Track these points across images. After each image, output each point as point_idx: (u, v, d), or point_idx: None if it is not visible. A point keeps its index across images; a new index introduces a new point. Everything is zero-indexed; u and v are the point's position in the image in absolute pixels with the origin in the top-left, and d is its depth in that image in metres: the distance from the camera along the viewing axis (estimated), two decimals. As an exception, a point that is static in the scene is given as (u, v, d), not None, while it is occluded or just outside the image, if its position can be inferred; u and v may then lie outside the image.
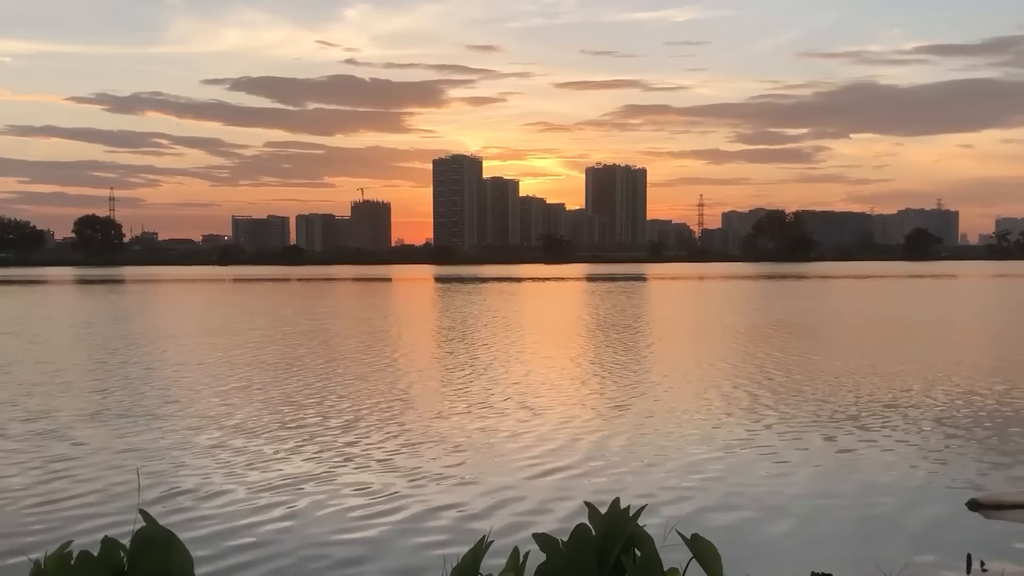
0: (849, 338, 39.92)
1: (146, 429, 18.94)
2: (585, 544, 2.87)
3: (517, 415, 20.41)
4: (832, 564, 10.35)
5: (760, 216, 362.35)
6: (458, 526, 12.22)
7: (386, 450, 16.81)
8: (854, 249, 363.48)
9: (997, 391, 23.37)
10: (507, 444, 17.37)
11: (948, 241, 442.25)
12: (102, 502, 13.44)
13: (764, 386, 24.62)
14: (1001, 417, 19.79)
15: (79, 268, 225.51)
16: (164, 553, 2.65)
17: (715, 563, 2.85)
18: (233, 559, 10.97)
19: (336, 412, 20.85)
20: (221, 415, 20.48)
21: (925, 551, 11.07)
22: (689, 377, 26.63)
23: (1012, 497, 13.15)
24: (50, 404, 22.28)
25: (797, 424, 19.15)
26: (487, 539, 2.99)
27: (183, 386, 25.20)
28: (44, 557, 2.65)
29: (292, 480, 14.61)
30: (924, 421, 19.38)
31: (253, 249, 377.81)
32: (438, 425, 19.24)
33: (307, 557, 11.06)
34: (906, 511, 12.82)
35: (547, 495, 13.72)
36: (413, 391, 24.28)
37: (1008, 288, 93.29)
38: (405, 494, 13.79)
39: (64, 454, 16.64)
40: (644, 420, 19.75)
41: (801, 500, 13.48)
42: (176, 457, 16.31)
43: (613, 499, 3.00)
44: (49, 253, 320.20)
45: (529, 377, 26.84)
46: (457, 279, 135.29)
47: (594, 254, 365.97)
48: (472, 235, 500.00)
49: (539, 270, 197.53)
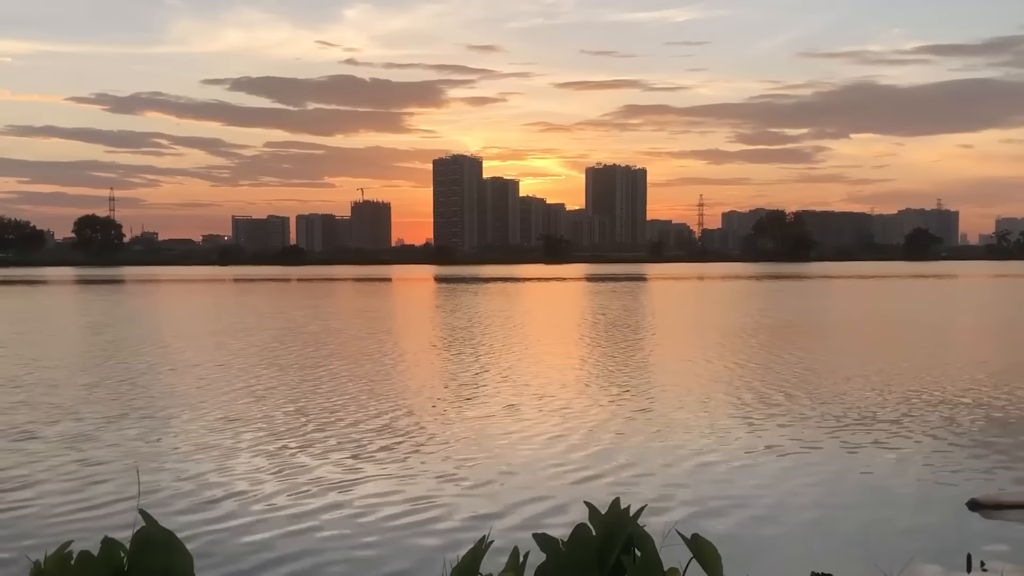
0: (849, 338, 39.91)
1: (147, 429, 18.93)
2: (585, 544, 2.87)
3: (520, 415, 20.40)
4: (832, 564, 10.35)
5: (760, 216, 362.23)
6: (458, 526, 12.22)
7: (387, 450, 16.81)
8: (854, 249, 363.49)
9: (997, 391, 23.37)
10: (509, 444, 17.37)
11: (948, 241, 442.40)
12: (102, 502, 13.45)
13: (765, 386, 24.61)
14: (1001, 417, 19.79)
15: (79, 268, 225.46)
16: (164, 553, 2.65)
17: (715, 563, 2.84)
18: (233, 559, 10.98)
19: (338, 412, 20.83)
20: (223, 415, 20.47)
21: (925, 551, 11.07)
22: (691, 377, 26.62)
23: (1012, 497, 13.16)
24: (51, 404, 22.27)
25: (797, 424, 19.15)
26: (487, 539, 2.99)
27: (186, 386, 25.20)
28: (44, 557, 2.65)
29: (293, 480, 14.61)
30: (924, 421, 19.38)
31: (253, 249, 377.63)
32: (439, 425, 19.24)
33: (307, 557, 11.06)
34: (906, 511, 12.82)
35: (548, 495, 13.72)
36: (418, 391, 24.27)
37: (1009, 288, 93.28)
38: (406, 494, 13.79)
39: (64, 453, 16.64)
40: (645, 420, 19.75)
41: (801, 500, 13.48)
42: (177, 457, 16.31)
43: (613, 499, 3.00)
44: (49, 253, 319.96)
45: (537, 377, 26.82)
46: (459, 279, 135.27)
47: (594, 254, 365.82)
48: (472, 235, 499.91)
49: (539, 270, 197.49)
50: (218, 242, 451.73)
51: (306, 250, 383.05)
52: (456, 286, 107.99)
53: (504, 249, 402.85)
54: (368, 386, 25.05)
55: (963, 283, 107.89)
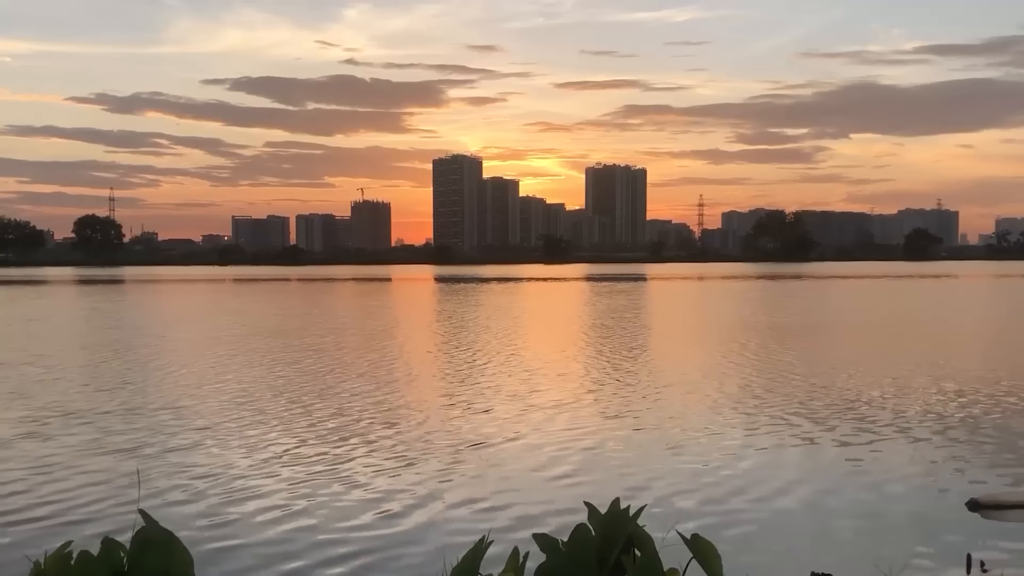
0: (850, 338, 39.89)
1: (148, 429, 18.92)
2: (585, 544, 2.86)
3: (520, 415, 20.39)
4: (832, 564, 10.35)
5: (760, 216, 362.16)
6: (458, 526, 12.22)
7: (389, 451, 16.80)
8: (854, 249, 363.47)
9: (997, 391, 23.36)
10: (509, 444, 17.36)
11: (948, 241, 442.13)
12: (102, 502, 13.44)
13: (765, 386, 24.61)
14: (1002, 417, 19.79)
15: (79, 268, 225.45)
16: (164, 553, 2.64)
17: (715, 563, 2.84)
18: (233, 559, 10.98)
19: (338, 413, 20.83)
20: (225, 415, 20.46)
21: (925, 551, 11.07)
22: (692, 378, 26.61)
23: (1012, 497, 13.15)
24: (51, 404, 22.26)
25: (798, 424, 19.14)
26: (487, 539, 2.97)
27: (187, 386, 25.19)
28: (44, 557, 2.64)
29: (293, 480, 14.61)
30: (924, 421, 19.37)
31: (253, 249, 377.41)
32: (440, 425, 19.23)
33: (307, 556, 11.06)
34: (906, 511, 12.82)
35: (549, 495, 13.71)
36: (418, 391, 24.28)
37: (1009, 288, 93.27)
38: (406, 494, 13.79)
39: (65, 453, 16.64)
40: (646, 420, 19.75)
41: (801, 500, 13.47)
42: (177, 457, 16.30)
43: (613, 499, 2.97)
44: (49, 253, 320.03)
45: (538, 377, 26.81)
46: (460, 279, 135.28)
47: (594, 254, 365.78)
48: (472, 235, 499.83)
49: (539, 270, 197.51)
50: (218, 242, 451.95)
51: (306, 250, 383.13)
52: (461, 286, 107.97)
53: (504, 249, 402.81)
54: (369, 386, 25.04)
55: (964, 283, 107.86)
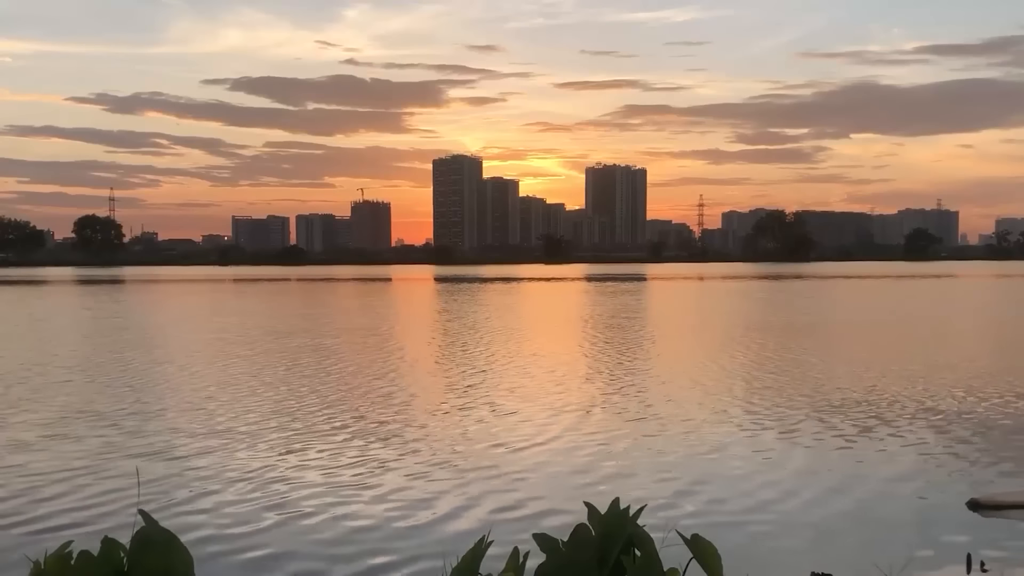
0: (850, 338, 39.89)
1: (149, 429, 18.92)
2: (585, 544, 2.86)
3: (521, 415, 20.38)
4: (832, 564, 10.35)
5: (760, 216, 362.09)
6: (458, 526, 12.22)
7: (389, 451, 16.80)
8: (854, 249, 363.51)
9: (998, 391, 23.36)
10: (509, 444, 17.35)
11: (948, 241, 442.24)
12: (102, 502, 13.44)
13: (765, 385, 24.60)
14: (1002, 417, 19.78)
15: (79, 268, 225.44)
16: (164, 553, 2.64)
17: (715, 563, 2.84)
18: (233, 559, 10.97)
19: (338, 413, 20.82)
20: (226, 416, 20.46)
21: (925, 551, 11.06)
22: (692, 376, 26.61)
23: (1012, 497, 13.14)
24: (51, 403, 22.26)
25: (798, 424, 19.14)
26: (487, 539, 2.97)
27: (187, 386, 25.19)
28: (44, 557, 2.64)
29: (293, 480, 14.60)
30: (925, 421, 19.37)
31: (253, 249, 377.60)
32: (440, 424, 19.23)
33: (307, 557, 11.06)
34: (906, 511, 12.81)
35: (549, 495, 13.71)
36: (418, 390, 24.28)
37: (1009, 288, 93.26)
38: (406, 494, 13.79)
39: (65, 453, 16.63)
40: (647, 420, 19.73)
41: (801, 500, 13.46)
42: (177, 457, 16.29)
43: (613, 499, 2.96)
44: (49, 253, 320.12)
45: (539, 377, 26.80)
46: (461, 279, 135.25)
47: (594, 254, 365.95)
48: (472, 235, 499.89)
49: (539, 270, 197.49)
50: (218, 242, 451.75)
51: (306, 250, 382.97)
52: (462, 286, 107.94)
53: (504, 249, 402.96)
54: (369, 386, 25.04)
55: (964, 283, 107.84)
